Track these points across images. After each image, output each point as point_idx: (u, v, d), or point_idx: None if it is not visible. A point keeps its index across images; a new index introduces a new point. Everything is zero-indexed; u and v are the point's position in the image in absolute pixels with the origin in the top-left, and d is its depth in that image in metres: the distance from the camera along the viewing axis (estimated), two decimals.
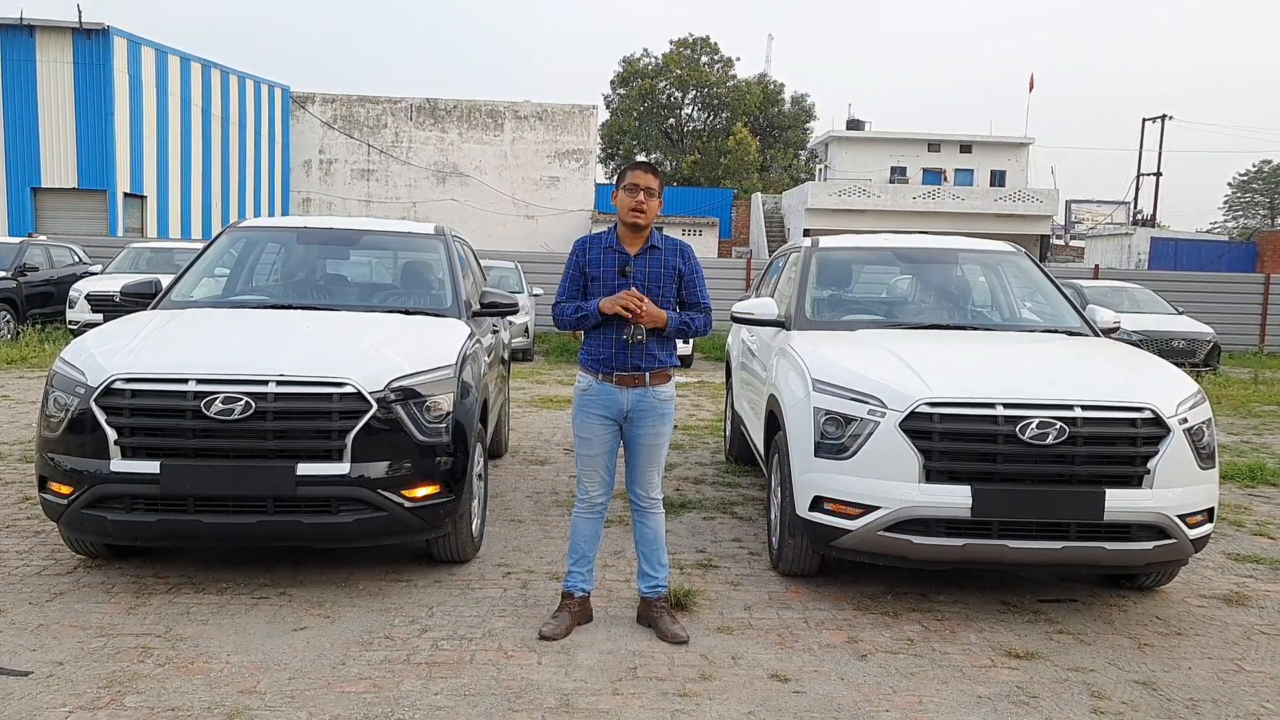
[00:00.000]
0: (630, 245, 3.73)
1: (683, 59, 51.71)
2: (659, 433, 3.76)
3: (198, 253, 5.60)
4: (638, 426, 3.73)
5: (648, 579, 3.86)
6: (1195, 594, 4.48)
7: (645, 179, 3.68)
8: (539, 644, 3.64)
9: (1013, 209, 36.20)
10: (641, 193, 3.66)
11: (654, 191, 3.69)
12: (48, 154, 24.40)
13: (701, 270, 3.86)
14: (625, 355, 3.65)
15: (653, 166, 3.75)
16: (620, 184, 3.71)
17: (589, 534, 3.86)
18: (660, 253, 3.74)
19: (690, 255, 3.84)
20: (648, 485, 3.82)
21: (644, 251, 3.73)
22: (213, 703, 3.09)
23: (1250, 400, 11.70)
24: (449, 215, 32.62)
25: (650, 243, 3.74)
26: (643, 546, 3.88)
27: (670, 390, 3.79)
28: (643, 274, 3.69)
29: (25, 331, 13.68)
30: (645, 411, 3.71)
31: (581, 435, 3.78)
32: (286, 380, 3.82)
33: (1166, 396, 3.98)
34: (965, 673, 3.52)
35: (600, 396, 3.71)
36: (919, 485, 3.83)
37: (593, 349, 3.74)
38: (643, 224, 3.69)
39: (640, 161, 3.76)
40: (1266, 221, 66.42)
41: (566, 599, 3.85)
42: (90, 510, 3.82)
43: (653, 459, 3.79)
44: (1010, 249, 5.87)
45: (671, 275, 3.74)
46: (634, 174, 3.70)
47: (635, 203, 3.65)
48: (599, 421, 3.73)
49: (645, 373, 3.68)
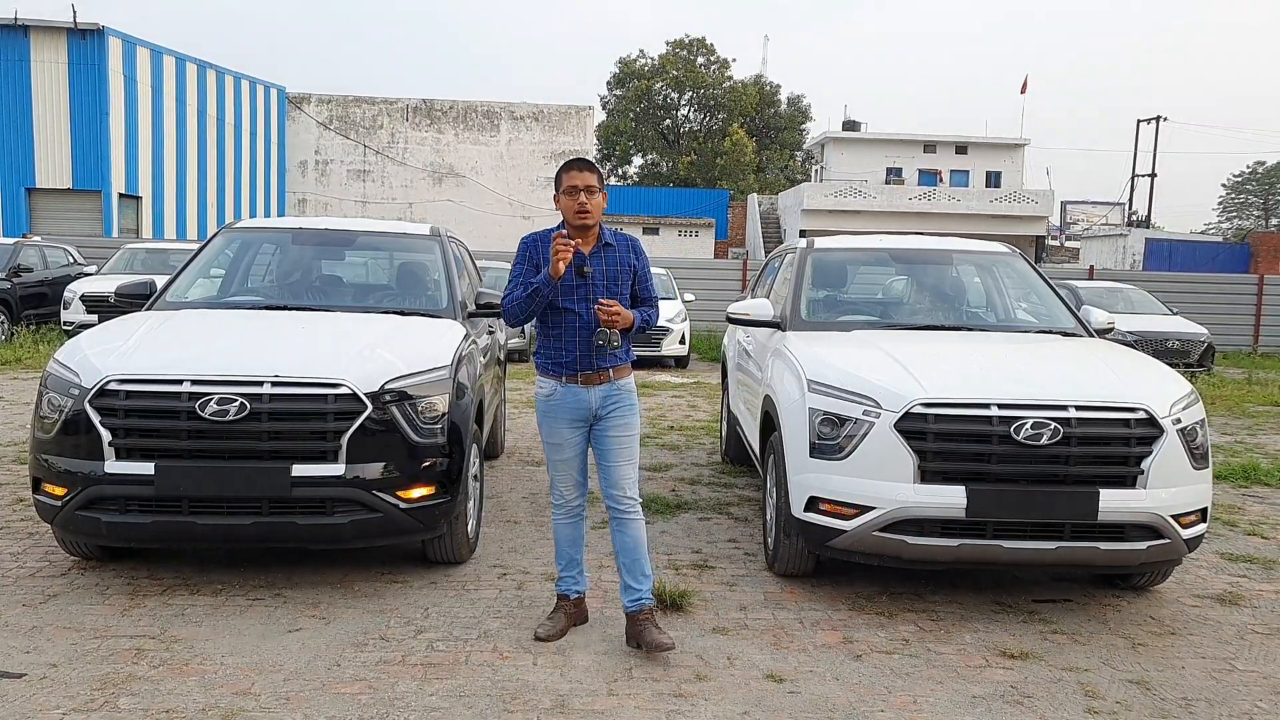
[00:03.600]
0: (583, 244, 3.61)
1: (679, 60, 51.78)
2: (629, 423, 3.66)
3: (192, 253, 5.58)
4: (607, 422, 3.64)
5: (630, 592, 3.65)
6: (1189, 594, 4.49)
7: (584, 178, 3.56)
8: (534, 645, 3.64)
9: (1008, 210, 36.31)
10: (582, 193, 3.55)
11: (594, 188, 3.57)
12: (42, 154, 24.35)
13: (649, 262, 3.81)
14: (589, 357, 3.57)
15: (588, 162, 3.63)
16: (559, 189, 3.59)
17: (572, 537, 3.79)
18: (614, 250, 3.66)
19: (641, 250, 3.77)
20: (624, 485, 3.65)
21: (598, 249, 3.63)
22: (207, 704, 3.09)
23: (1244, 400, 11.73)
24: (445, 216, 32.61)
25: (603, 240, 3.65)
26: (623, 557, 3.68)
27: (631, 382, 3.72)
28: (600, 273, 3.60)
29: (20, 332, 13.66)
30: (613, 406, 3.64)
31: (551, 441, 3.69)
32: (281, 381, 3.81)
33: (1160, 397, 3.99)
34: (960, 673, 3.53)
35: (567, 399, 3.62)
36: (914, 486, 3.84)
37: (553, 353, 3.64)
38: (590, 223, 3.59)
39: (573, 160, 3.63)
40: (1260, 223, 66.60)
41: (562, 600, 3.83)
42: (84, 512, 3.81)
43: (626, 453, 3.66)
44: (1005, 250, 5.88)
45: (628, 272, 3.67)
46: (570, 175, 3.58)
47: (578, 204, 3.55)
48: (568, 426, 3.65)
49: (609, 369, 3.62)
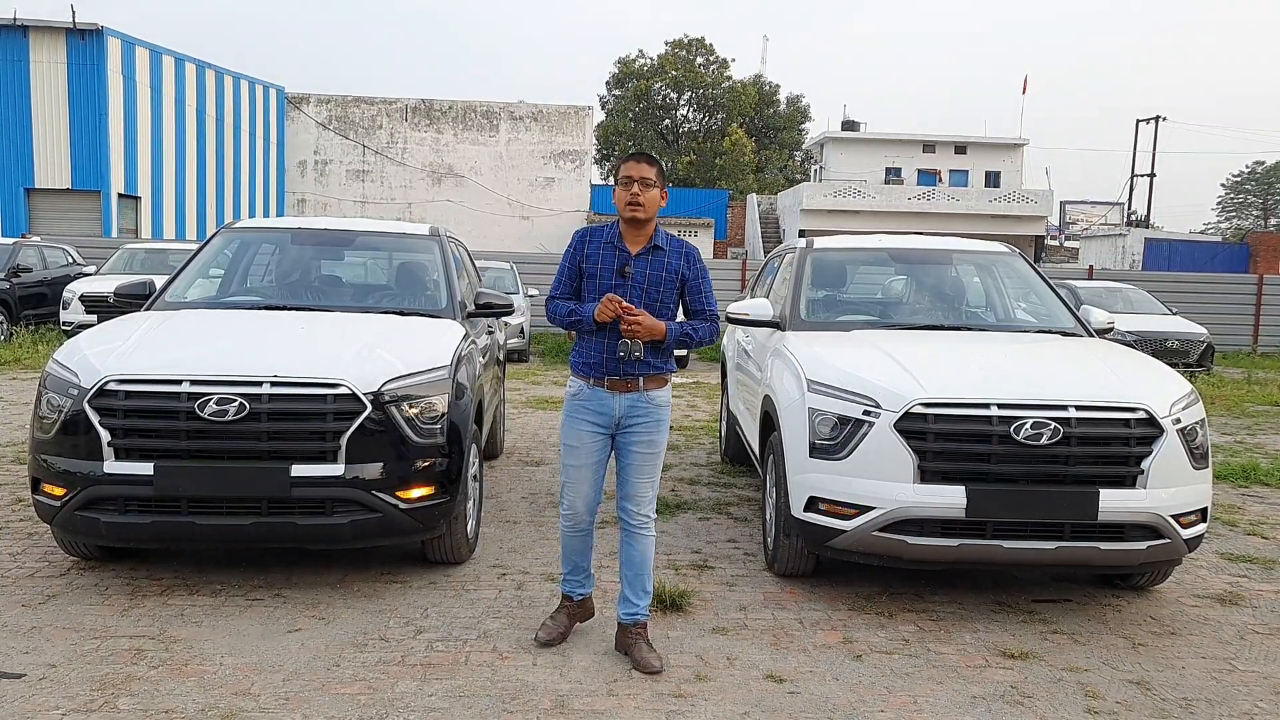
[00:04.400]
0: (632, 243, 3.49)
1: (678, 60, 51.74)
2: (653, 440, 3.51)
3: (191, 254, 5.57)
4: (631, 434, 3.50)
5: (628, 605, 3.58)
6: (1189, 594, 4.49)
7: (640, 169, 3.44)
8: (534, 645, 3.63)
9: (1007, 210, 36.28)
10: (636, 184, 3.41)
11: (650, 181, 3.44)
12: (41, 155, 24.31)
13: (709, 275, 3.61)
14: (617, 361, 3.44)
15: (648, 155, 3.50)
16: (616, 179, 3.49)
17: (581, 548, 3.67)
18: (664, 254, 3.50)
19: (696, 258, 3.58)
20: (640, 500, 3.54)
21: (646, 251, 3.49)
22: (206, 705, 3.09)
23: (1243, 400, 11.74)
24: (444, 216, 32.61)
25: (654, 242, 3.50)
26: (627, 569, 3.59)
27: (666, 395, 3.56)
28: (642, 276, 3.45)
29: (19, 333, 13.65)
30: (639, 418, 3.48)
31: (569, 443, 3.55)
32: (281, 381, 3.81)
33: (1160, 397, 3.99)
34: (960, 673, 3.53)
35: (591, 402, 3.49)
36: (913, 486, 3.83)
37: (584, 353, 3.52)
38: (642, 217, 3.44)
39: (635, 152, 3.53)
40: (1259, 222, 66.65)
41: (566, 601, 3.75)
42: (84, 512, 3.81)
43: (646, 470, 3.53)
44: (1005, 250, 5.88)
45: (674, 279, 3.51)
46: (628, 165, 3.46)
47: (630, 195, 3.42)
48: (589, 429, 3.51)
49: (639, 378, 3.46)
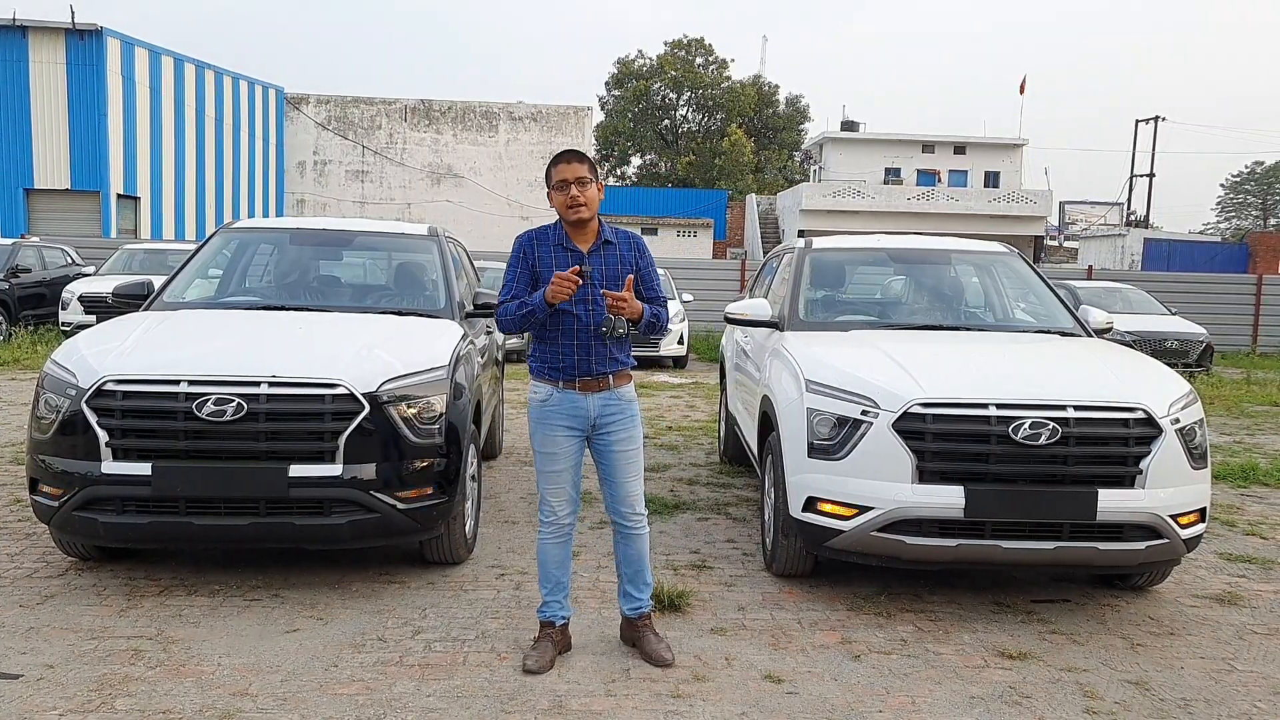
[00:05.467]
0: (581, 242, 3.42)
1: (677, 60, 51.79)
2: (632, 437, 3.49)
3: (190, 254, 5.57)
4: (608, 434, 3.45)
5: (630, 599, 3.61)
6: (1188, 594, 4.49)
7: (573, 169, 3.34)
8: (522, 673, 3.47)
9: (1007, 210, 36.32)
10: (573, 186, 3.33)
11: (587, 179, 3.34)
12: (40, 155, 24.32)
13: (655, 261, 3.60)
14: (588, 360, 3.38)
15: (577, 153, 3.41)
16: (550, 184, 3.39)
17: (559, 558, 3.56)
18: (614, 247, 3.46)
19: (644, 248, 3.55)
20: (632, 501, 3.50)
21: (597, 247, 3.43)
22: (204, 705, 3.08)
23: (1243, 400, 11.74)
24: (443, 216, 32.61)
25: (603, 237, 3.44)
26: (626, 567, 3.60)
27: (632, 391, 3.53)
28: (599, 272, 3.38)
29: (17, 333, 13.64)
30: (613, 416, 3.44)
31: (544, 450, 3.45)
32: (278, 381, 3.81)
33: (1159, 396, 3.99)
34: (959, 673, 3.52)
35: (563, 405, 3.41)
36: (912, 486, 3.83)
37: (548, 356, 3.43)
38: (586, 216, 3.37)
39: (561, 153, 3.40)
40: (1259, 222, 66.68)
41: (546, 628, 3.55)
42: (81, 512, 3.81)
43: (632, 469, 3.50)
44: (1004, 250, 5.88)
45: (629, 270, 3.43)
46: (559, 169, 3.36)
47: (570, 198, 3.34)
48: (565, 433, 3.43)
49: (609, 375, 3.43)
